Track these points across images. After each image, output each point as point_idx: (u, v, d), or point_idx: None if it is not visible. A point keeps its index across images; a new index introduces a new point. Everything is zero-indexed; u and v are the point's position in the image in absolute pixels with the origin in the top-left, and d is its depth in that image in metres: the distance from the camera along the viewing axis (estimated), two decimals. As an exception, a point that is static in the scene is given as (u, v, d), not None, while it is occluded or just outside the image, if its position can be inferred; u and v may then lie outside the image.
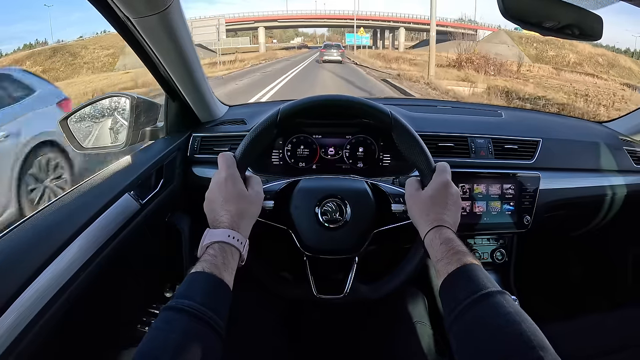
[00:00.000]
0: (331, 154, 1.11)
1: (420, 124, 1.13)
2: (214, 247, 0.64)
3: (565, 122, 1.44)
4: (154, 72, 1.00)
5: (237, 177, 0.74)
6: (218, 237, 0.65)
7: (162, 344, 0.51)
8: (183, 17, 0.85)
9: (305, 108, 0.85)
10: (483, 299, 0.57)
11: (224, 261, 0.63)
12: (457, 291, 0.61)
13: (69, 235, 0.73)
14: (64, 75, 20.25)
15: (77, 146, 1.10)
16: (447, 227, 0.71)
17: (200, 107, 1.18)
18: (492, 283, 0.60)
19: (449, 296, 0.62)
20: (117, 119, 1.14)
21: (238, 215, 0.70)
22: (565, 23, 0.80)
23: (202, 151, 1.16)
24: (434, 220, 0.72)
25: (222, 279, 0.61)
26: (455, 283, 0.62)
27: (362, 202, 0.86)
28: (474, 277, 0.61)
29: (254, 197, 0.75)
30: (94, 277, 0.76)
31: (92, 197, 0.85)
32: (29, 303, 0.62)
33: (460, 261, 0.64)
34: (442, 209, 0.73)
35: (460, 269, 0.63)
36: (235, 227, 0.68)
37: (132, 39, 0.86)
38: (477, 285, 0.59)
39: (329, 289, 0.86)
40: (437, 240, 0.69)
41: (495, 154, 1.14)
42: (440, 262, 0.66)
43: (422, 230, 0.73)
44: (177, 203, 1.10)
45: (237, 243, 0.66)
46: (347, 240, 0.85)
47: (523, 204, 1.12)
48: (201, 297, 0.57)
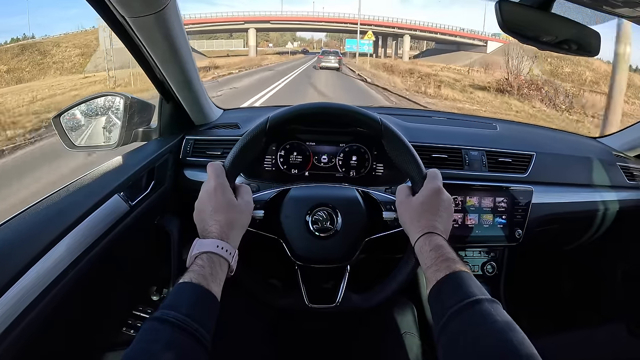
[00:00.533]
0: (324, 161, 1.10)
1: (414, 134, 1.13)
2: (203, 257, 0.63)
3: (559, 137, 1.45)
4: (149, 72, 0.99)
5: (226, 186, 0.73)
6: (207, 248, 0.65)
7: (146, 356, 0.50)
8: (179, 18, 0.84)
9: (294, 116, 0.84)
10: (471, 306, 0.56)
11: (212, 272, 0.62)
12: (445, 298, 0.60)
13: (57, 233, 0.72)
14: (28, 76, 19.24)
15: (69, 144, 1.09)
16: (438, 234, 0.70)
17: (194, 110, 1.17)
18: (481, 291, 0.59)
19: (437, 304, 0.61)
20: (111, 118, 1.13)
21: (227, 226, 0.69)
22: (563, 38, 0.80)
23: (194, 154, 1.15)
24: (425, 226, 0.71)
25: (210, 290, 0.60)
26: (444, 290, 0.61)
27: (353, 211, 0.85)
28: (463, 285, 0.60)
29: (244, 207, 0.74)
30: (81, 277, 0.75)
31: (81, 197, 0.84)
32: (14, 301, 0.61)
33: (450, 268, 0.63)
34: (433, 216, 0.73)
35: (450, 275, 0.62)
36: (224, 238, 0.67)
37: (127, 38, 0.85)
38: (466, 293, 0.58)
39: (320, 299, 0.85)
40: (427, 247, 0.68)
41: (489, 166, 1.14)
42: (429, 269, 0.65)
43: (412, 236, 0.73)
44: (167, 205, 1.09)
45: (225, 254, 0.65)
46: (338, 249, 0.84)
47: (515, 218, 1.12)
48: (187, 309, 0.56)
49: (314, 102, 0.85)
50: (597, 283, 1.53)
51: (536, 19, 0.76)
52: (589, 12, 0.78)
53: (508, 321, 0.54)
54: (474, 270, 1.21)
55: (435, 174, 0.78)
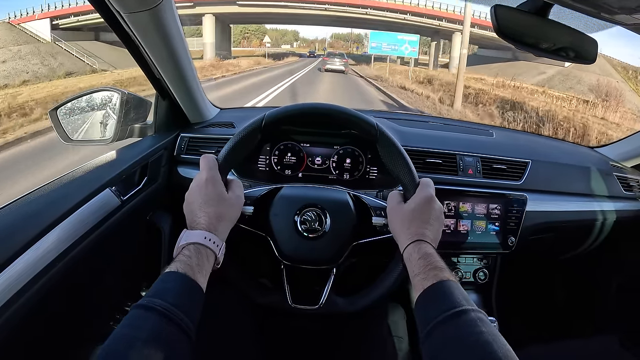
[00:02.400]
0: (318, 163, 1.10)
1: (409, 138, 1.13)
2: (190, 248, 0.63)
3: (556, 145, 1.44)
4: (145, 69, 0.99)
5: (217, 179, 0.73)
6: (194, 238, 0.65)
7: (129, 342, 0.49)
8: (175, 15, 0.84)
9: (290, 115, 0.84)
10: (456, 316, 0.56)
11: (199, 262, 0.62)
12: (431, 307, 0.60)
13: (46, 224, 0.73)
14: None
15: (65, 137, 1.09)
16: (427, 242, 0.70)
17: (190, 108, 1.17)
18: (467, 301, 0.59)
19: (422, 312, 0.61)
20: (107, 113, 1.14)
21: (216, 218, 0.69)
22: (561, 45, 0.80)
23: (188, 151, 1.15)
24: (415, 234, 0.71)
25: (196, 280, 0.60)
26: (430, 299, 0.61)
27: (342, 213, 0.85)
28: (449, 294, 0.60)
29: (234, 201, 0.74)
30: (69, 270, 0.75)
31: (72, 189, 0.84)
32: (1, 289, 0.62)
33: (437, 277, 0.62)
34: (424, 224, 0.72)
35: (437, 284, 0.62)
36: (212, 230, 0.67)
37: (123, 34, 0.85)
38: (452, 303, 0.58)
39: (304, 299, 0.84)
40: (415, 255, 0.68)
41: (484, 173, 1.13)
42: (417, 277, 0.65)
43: (401, 243, 0.72)
44: (160, 202, 1.09)
45: (213, 245, 0.65)
46: (325, 251, 0.84)
47: (508, 225, 1.12)
48: (173, 297, 0.55)
49: (312, 103, 0.85)
50: (590, 293, 1.52)
51: (533, 25, 0.76)
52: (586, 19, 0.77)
53: (493, 333, 0.53)
54: (466, 277, 1.20)
55: (427, 183, 0.78)
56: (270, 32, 65.79)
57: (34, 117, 7.95)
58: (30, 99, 9.94)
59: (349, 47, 63.35)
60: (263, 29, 62.73)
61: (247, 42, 55.20)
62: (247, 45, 52.76)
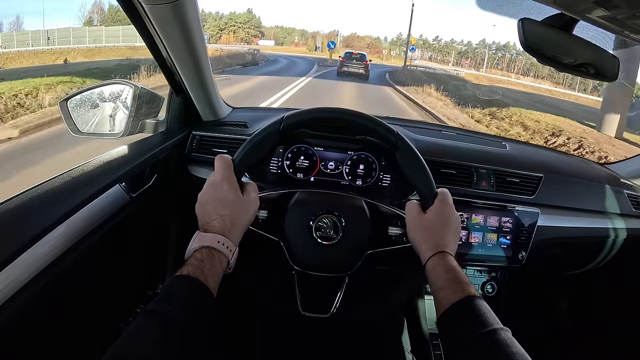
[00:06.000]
0: (331, 168, 1.09)
1: (424, 147, 1.12)
2: (202, 251, 0.63)
3: (568, 161, 1.43)
4: (161, 63, 0.98)
5: (233, 181, 0.72)
6: (207, 242, 0.64)
7: (138, 350, 0.49)
8: (196, 10, 0.83)
9: (310, 119, 0.82)
10: (486, 336, 0.56)
11: (211, 267, 0.61)
12: (460, 325, 0.60)
13: (53, 220, 0.71)
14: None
15: (74, 129, 1.08)
16: (450, 254, 0.70)
17: (204, 105, 1.16)
18: (495, 319, 0.59)
19: (451, 328, 0.61)
20: (118, 107, 1.12)
21: (230, 221, 0.68)
22: (582, 61, 0.79)
23: (200, 150, 1.14)
24: (437, 245, 0.71)
25: (207, 285, 0.59)
26: (459, 316, 0.61)
27: (358, 221, 0.84)
28: (479, 312, 0.60)
29: (249, 204, 0.73)
30: (75, 267, 0.74)
31: (81, 184, 0.82)
32: (5, 284, 0.61)
33: (464, 292, 0.63)
34: (445, 235, 0.72)
35: (465, 300, 0.62)
36: (225, 233, 0.66)
37: (142, 27, 0.84)
38: (482, 322, 0.58)
39: (315, 307, 0.83)
40: (440, 268, 0.67)
41: (497, 186, 1.13)
42: (442, 291, 0.65)
43: (423, 255, 0.71)
44: (169, 200, 1.07)
45: (225, 250, 0.64)
46: (339, 259, 0.82)
47: (519, 239, 1.11)
48: (183, 303, 0.55)
49: (332, 107, 0.83)
50: (598, 310, 1.51)
51: (557, 40, 0.75)
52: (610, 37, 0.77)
53: (522, 354, 0.54)
54: None
55: (446, 193, 0.78)
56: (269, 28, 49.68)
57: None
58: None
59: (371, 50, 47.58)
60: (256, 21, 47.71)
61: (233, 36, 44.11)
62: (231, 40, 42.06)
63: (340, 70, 18.08)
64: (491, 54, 34.01)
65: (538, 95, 19.31)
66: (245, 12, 44.73)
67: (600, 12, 0.65)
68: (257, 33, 45.47)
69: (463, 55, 43.14)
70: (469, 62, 38.81)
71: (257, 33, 45.60)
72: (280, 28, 53.36)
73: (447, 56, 45.11)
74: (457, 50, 43.35)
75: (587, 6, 0.66)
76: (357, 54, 19.15)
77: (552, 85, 22.66)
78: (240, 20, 44.07)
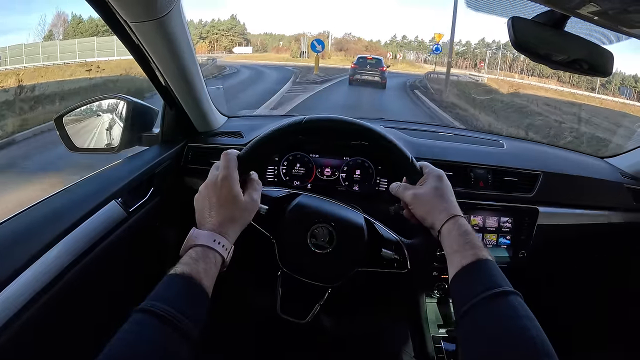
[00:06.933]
0: (327, 174, 1.08)
1: (420, 150, 1.12)
2: (197, 250, 0.61)
3: (567, 156, 1.42)
4: (152, 78, 0.98)
5: (234, 179, 0.69)
6: (203, 240, 0.62)
7: (131, 349, 0.49)
8: (183, 24, 0.83)
9: (330, 126, 0.81)
10: (499, 296, 0.57)
11: (205, 266, 0.60)
12: (473, 284, 0.60)
13: (51, 238, 0.72)
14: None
15: (70, 146, 1.08)
16: (462, 217, 0.70)
17: (198, 117, 1.16)
18: (506, 282, 0.60)
19: (462, 288, 0.62)
20: (113, 121, 1.13)
21: (227, 220, 0.66)
22: (575, 57, 0.79)
23: (195, 162, 1.14)
24: (449, 210, 0.71)
25: (201, 284, 0.57)
26: (471, 276, 0.62)
27: (354, 236, 0.82)
28: (490, 274, 0.61)
29: (249, 205, 0.70)
30: (74, 283, 0.74)
31: (77, 202, 0.83)
32: (6, 304, 0.61)
33: (476, 255, 0.63)
34: (450, 198, 0.73)
35: (478, 262, 0.62)
36: (222, 232, 0.64)
37: (130, 43, 0.84)
38: (494, 282, 0.59)
39: (292, 311, 0.82)
40: (455, 231, 0.68)
41: (494, 185, 1.12)
42: (456, 253, 0.65)
43: (438, 221, 0.71)
44: (166, 213, 1.07)
45: (221, 249, 0.63)
46: (328, 269, 0.81)
47: (519, 238, 1.10)
48: (177, 302, 0.54)
49: (354, 120, 0.81)
50: (601, 306, 1.50)
51: (549, 38, 0.74)
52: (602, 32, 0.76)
53: (531, 317, 0.55)
54: None
55: (428, 164, 0.80)
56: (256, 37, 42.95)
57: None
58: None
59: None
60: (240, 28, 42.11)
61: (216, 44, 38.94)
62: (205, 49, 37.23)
63: (353, 79, 15.39)
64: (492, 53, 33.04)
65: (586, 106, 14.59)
66: (228, 18, 40.49)
67: (590, 7, 0.65)
68: (241, 40, 40.40)
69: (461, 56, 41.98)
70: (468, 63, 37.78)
71: (242, 40, 40.49)
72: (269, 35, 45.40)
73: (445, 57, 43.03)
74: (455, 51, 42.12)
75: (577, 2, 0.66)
76: (372, 58, 16.30)
77: (558, 85, 22.13)
78: (223, 28, 39.54)
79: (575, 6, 0.67)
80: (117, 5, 0.69)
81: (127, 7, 0.71)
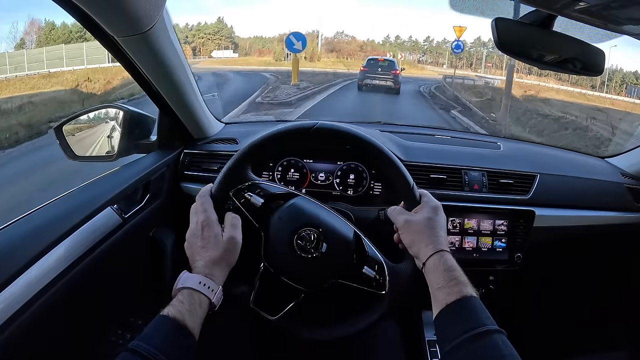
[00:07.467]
0: (321, 179, 1.09)
1: (413, 153, 1.11)
2: (184, 292, 0.65)
3: (564, 157, 1.40)
4: (146, 88, 0.99)
5: (213, 221, 0.74)
6: (189, 283, 0.67)
7: None
8: (170, 35, 0.84)
9: (344, 135, 0.82)
10: (482, 336, 0.58)
11: (190, 308, 0.64)
12: (456, 324, 0.61)
13: (46, 244, 0.73)
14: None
15: (70, 154, 1.10)
16: (448, 252, 0.71)
17: (192, 124, 1.16)
18: (491, 320, 0.61)
19: (446, 327, 0.63)
20: (111, 130, 1.14)
21: (212, 262, 0.70)
22: (566, 57, 0.78)
23: (191, 168, 1.15)
24: (435, 243, 0.72)
25: (186, 325, 0.61)
26: (455, 314, 0.63)
27: (339, 248, 0.81)
28: (474, 311, 0.62)
29: (229, 244, 0.73)
30: (70, 288, 0.75)
31: (73, 209, 0.84)
32: (1, 308, 0.62)
33: (461, 292, 0.64)
34: (440, 233, 0.74)
35: (462, 300, 0.63)
36: (208, 274, 0.69)
37: (120, 56, 0.84)
38: (478, 321, 0.60)
39: (265, 305, 0.81)
40: (440, 266, 0.69)
41: (490, 187, 1.11)
42: (441, 290, 0.66)
43: (423, 254, 0.72)
44: (162, 218, 1.08)
45: (207, 291, 0.67)
46: (307, 273, 0.81)
47: (515, 241, 1.09)
48: (160, 342, 0.58)
49: (367, 136, 0.82)
50: (600, 308, 1.47)
51: (536, 38, 0.74)
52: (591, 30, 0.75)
53: (514, 355, 0.56)
54: None
55: (427, 193, 0.81)
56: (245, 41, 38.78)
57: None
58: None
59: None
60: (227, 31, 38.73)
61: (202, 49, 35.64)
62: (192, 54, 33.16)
63: (362, 84, 13.66)
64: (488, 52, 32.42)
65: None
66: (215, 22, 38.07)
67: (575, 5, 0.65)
68: (228, 44, 37.70)
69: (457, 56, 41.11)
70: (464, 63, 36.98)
71: (229, 44, 37.83)
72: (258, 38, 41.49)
73: (440, 58, 40.81)
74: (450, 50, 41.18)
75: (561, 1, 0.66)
76: (384, 60, 14.28)
77: (558, 84, 21.68)
78: (209, 31, 37.28)
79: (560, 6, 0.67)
80: (102, 21, 0.70)
81: (112, 23, 0.72)
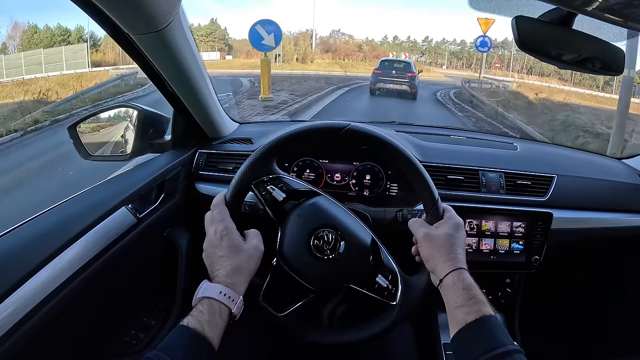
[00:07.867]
0: (337, 179, 1.08)
1: (430, 154, 1.10)
2: (204, 302, 0.65)
3: (582, 158, 1.38)
4: (161, 87, 0.99)
5: (232, 229, 0.73)
6: (209, 293, 0.66)
7: None
8: (185, 34, 0.84)
9: (372, 138, 0.81)
10: (502, 357, 0.58)
11: (210, 319, 0.63)
12: (476, 343, 0.61)
13: (61, 243, 0.73)
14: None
15: (84, 154, 1.11)
16: (466, 270, 0.70)
17: (207, 124, 1.16)
18: (510, 340, 0.61)
19: (465, 347, 0.63)
20: (125, 129, 1.15)
21: (233, 271, 0.69)
22: (586, 56, 0.77)
23: (206, 168, 1.15)
24: (454, 261, 0.71)
25: (205, 336, 0.61)
26: (474, 333, 0.63)
27: (356, 254, 0.80)
28: (494, 332, 0.62)
29: (252, 251, 0.73)
30: (85, 288, 0.75)
31: (87, 209, 0.85)
32: (14, 307, 0.62)
33: (480, 312, 0.64)
34: (459, 251, 0.73)
35: (481, 320, 0.63)
36: (229, 284, 0.67)
37: (135, 55, 0.85)
38: (497, 342, 0.60)
39: (273, 301, 0.80)
40: (459, 285, 0.68)
41: (507, 189, 1.10)
42: (460, 308, 0.66)
43: (441, 271, 0.71)
44: (177, 218, 1.08)
45: (228, 301, 0.66)
46: (320, 275, 0.79)
47: (533, 243, 1.07)
48: (178, 353, 0.58)
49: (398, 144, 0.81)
50: (619, 315, 1.44)
51: (556, 36, 0.73)
52: (612, 28, 0.74)
53: None
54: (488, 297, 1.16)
55: (451, 209, 0.80)
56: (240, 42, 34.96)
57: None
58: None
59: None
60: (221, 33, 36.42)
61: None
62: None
63: (375, 87, 12.38)
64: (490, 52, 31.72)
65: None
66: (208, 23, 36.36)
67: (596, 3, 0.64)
68: (222, 46, 36.05)
69: (455, 56, 40.00)
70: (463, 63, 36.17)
71: (223, 46, 36.19)
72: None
73: (439, 58, 39.47)
74: (449, 50, 40.39)
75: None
76: (400, 62, 13.05)
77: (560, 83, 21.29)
78: (202, 33, 35.52)
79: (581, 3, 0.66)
80: (118, 19, 0.70)
81: (128, 21, 0.72)
